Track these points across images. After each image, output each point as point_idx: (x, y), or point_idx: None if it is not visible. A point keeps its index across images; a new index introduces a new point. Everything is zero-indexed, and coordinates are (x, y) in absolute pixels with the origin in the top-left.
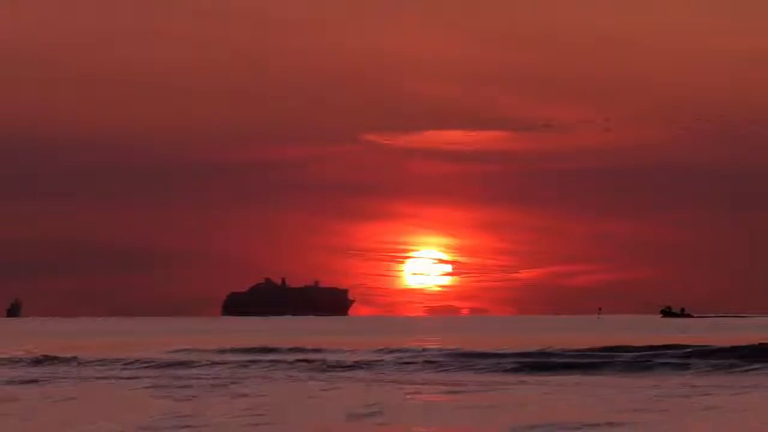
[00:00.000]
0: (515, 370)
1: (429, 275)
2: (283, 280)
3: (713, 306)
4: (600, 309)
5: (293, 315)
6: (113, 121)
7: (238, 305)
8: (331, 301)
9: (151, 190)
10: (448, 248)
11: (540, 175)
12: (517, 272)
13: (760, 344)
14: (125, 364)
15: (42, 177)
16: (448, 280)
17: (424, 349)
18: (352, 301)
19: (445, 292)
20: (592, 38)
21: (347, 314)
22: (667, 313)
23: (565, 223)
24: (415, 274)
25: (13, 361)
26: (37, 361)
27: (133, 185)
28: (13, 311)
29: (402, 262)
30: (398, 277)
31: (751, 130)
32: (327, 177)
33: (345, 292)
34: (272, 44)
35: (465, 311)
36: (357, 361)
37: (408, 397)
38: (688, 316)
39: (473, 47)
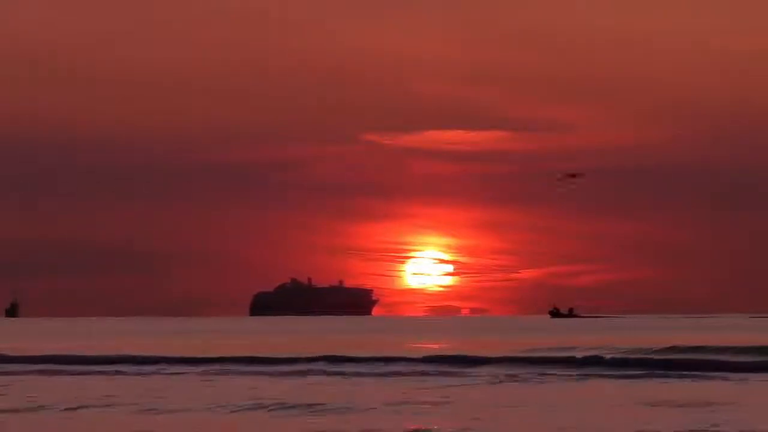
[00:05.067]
0: None
1: (430, 275)
2: (309, 280)
3: (714, 306)
4: (598, 309)
5: (318, 315)
6: (113, 121)
7: (265, 305)
8: (355, 301)
9: (151, 190)
10: (448, 248)
11: (540, 175)
12: (517, 272)
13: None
14: None
15: (41, 176)
16: (449, 280)
17: None
18: (376, 301)
19: (446, 292)
20: (592, 38)
21: (371, 314)
22: (554, 314)
23: (566, 223)
24: (415, 274)
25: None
26: None
27: (133, 185)
28: (12, 311)
29: (403, 262)
30: (399, 277)
31: (751, 130)
32: (327, 177)
33: (369, 292)
34: (272, 44)
35: (465, 311)
36: None
37: None
38: (576, 316)
39: (473, 47)
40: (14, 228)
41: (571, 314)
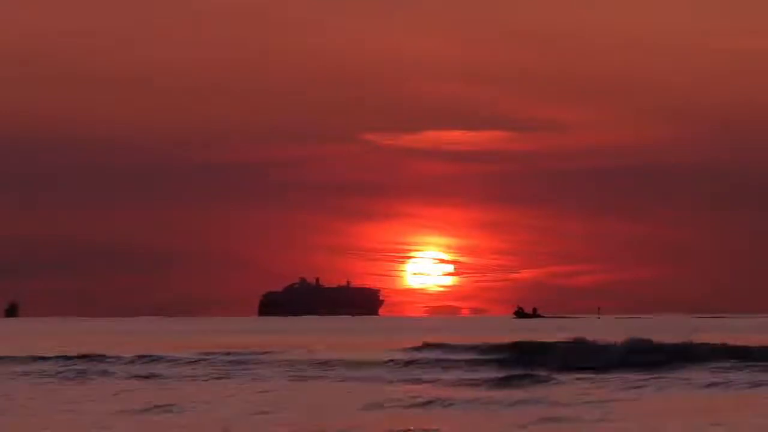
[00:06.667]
0: None
1: (430, 275)
2: (317, 280)
3: (713, 306)
4: (599, 309)
5: (326, 315)
6: (113, 121)
7: (274, 305)
8: (363, 301)
9: (151, 190)
10: (448, 248)
11: (540, 175)
12: (518, 272)
13: None
14: None
15: (41, 176)
16: (449, 280)
17: None
18: (383, 301)
19: (446, 292)
20: (592, 38)
21: (378, 314)
22: (519, 314)
23: (565, 223)
24: (416, 274)
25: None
26: None
27: (132, 185)
28: (11, 312)
29: (403, 263)
30: (399, 277)
31: (751, 130)
32: (327, 177)
33: (376, 292)
34: (272, 44)
35: (465, 311)
36: None
37: None
38: (540, 316)
39: (473, 47)
40: (14, 228)
41: (535, 314)
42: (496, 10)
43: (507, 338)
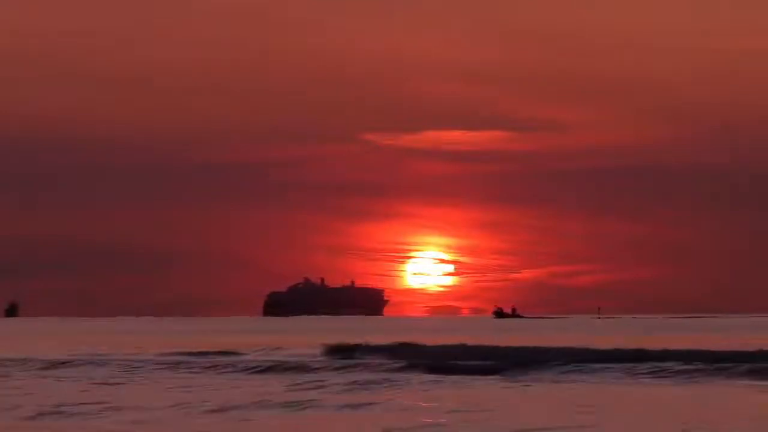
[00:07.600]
0: None
1: (430, 275)
2: (322, 280)
3: (713, 306)
4: (599, 309)
5: (331, 315)
6: (113, 121)
7: (278, 305)
8: (366, 301)
9: (151, 190)
10: (448, 248)
11: (540, 175)
12: (518, 272)
13: None
14: None
15: (41, 176)
16: (449, 280)
17: None
18: (387, 301)
19: (446, 292)
20: (592, 38)
21: (382, 314)
22: (499, 314)
23: (565, 223)
24: (416, 274)
25: None
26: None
27: (132, 185)
28: (11, 312)
29: (403, 263)
30: (399, 277)
31: (751, 130)
32: (327, 177)
33: (381, 292)
34: (272, 44)
35: (466, 311)
36: None
37: None
38: (519, 316)
39: (473, 47)
40: (14, 228)
41: (514, 315)
42: (496, 10)
43: (422, 340)
